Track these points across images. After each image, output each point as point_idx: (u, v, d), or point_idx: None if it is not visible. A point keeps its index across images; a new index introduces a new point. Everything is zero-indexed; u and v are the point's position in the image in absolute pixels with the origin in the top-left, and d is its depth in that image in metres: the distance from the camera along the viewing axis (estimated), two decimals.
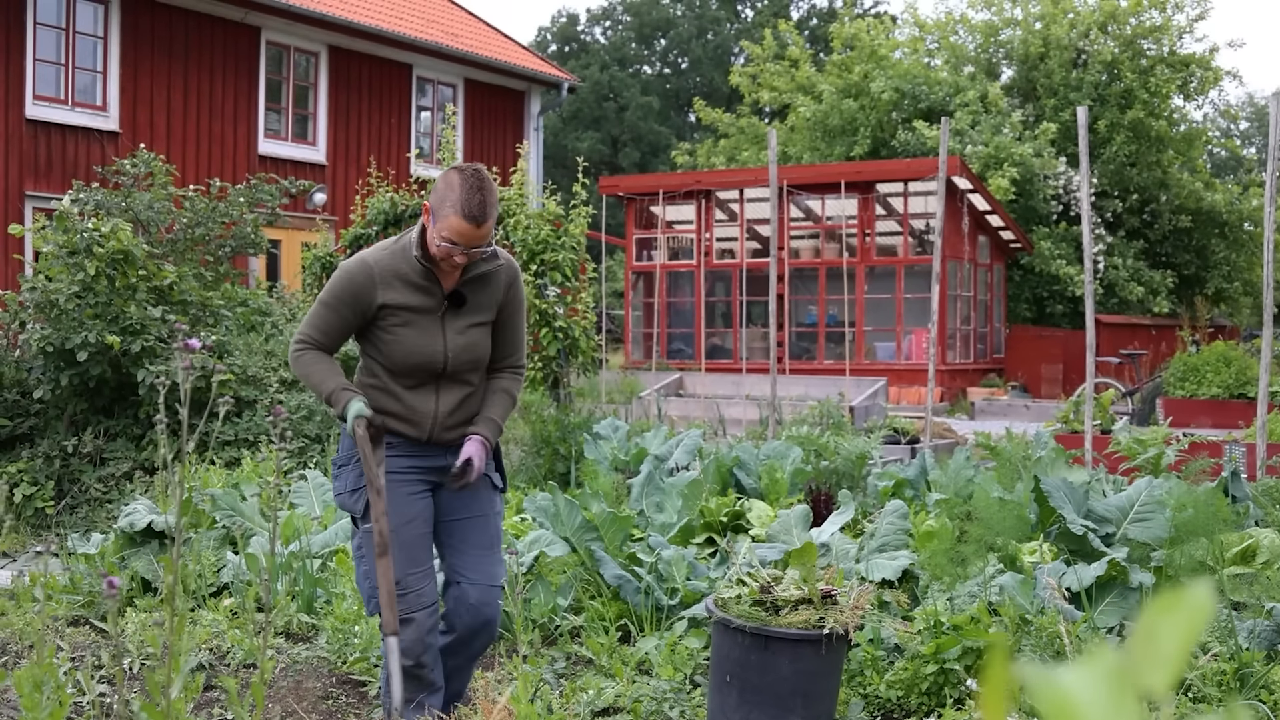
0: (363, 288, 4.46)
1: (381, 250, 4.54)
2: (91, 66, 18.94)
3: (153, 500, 8.37)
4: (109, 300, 10.12)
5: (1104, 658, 0.72)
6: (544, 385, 11.19)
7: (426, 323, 4.53)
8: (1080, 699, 0.70)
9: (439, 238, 4.33)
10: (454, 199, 4.28)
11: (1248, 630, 5.50)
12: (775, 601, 4.89)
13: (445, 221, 4.31)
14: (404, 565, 4.51)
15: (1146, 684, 0.70)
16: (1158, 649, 0.71)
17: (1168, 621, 0.72)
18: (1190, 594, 0.72)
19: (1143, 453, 9.41)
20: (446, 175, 4.37)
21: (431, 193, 4.41)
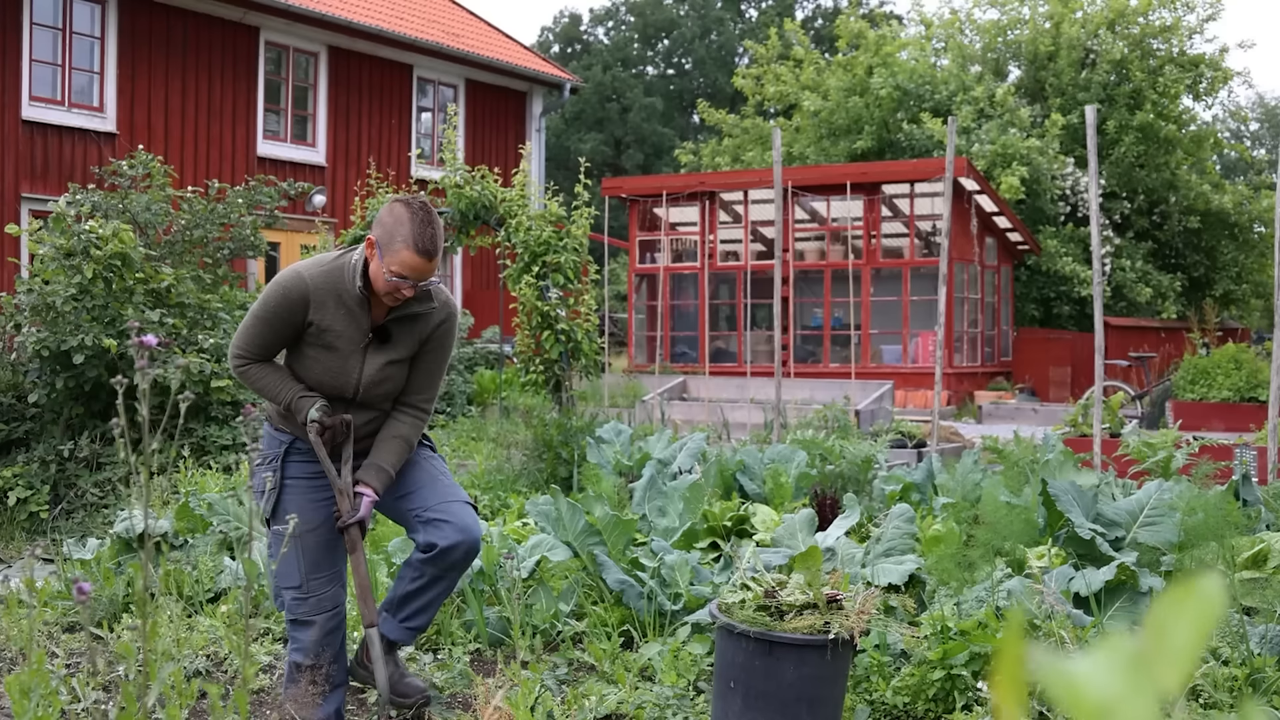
0: (296, 304, 4.42)
1: (318, 266, 4.47)
2: (88, 67, 18.89)
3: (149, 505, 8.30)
4: (106, 303, 10.06)
5: (1118, 647, 0.71)
6: (546, 389, 11.12)
7: (347, 350, 4.53)
8: (1095, 688, 0.69)
9: (389, 272, 4.29)
10: (404, 233, 4.25)
11: (1259, 635, 5.44)
12: (780, 606, 4.83)
13: (396, 255, 4.26)
14: (308, 569, 4.64)
15: (1159, 680, 0.70)
16: (1169, 645, 0.70)
17: (1179, 617, 0.71)
18: (1201, 590, 0.71)
19: (1152, 456, 9.33)
20: (392, 209, 4.32)
21: (375, 225, 4.35)
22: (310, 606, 4.67)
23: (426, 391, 4.73)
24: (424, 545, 4.78)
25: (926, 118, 26.31)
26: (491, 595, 6.58)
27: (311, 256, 4.61)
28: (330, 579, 4.72)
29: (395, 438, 4.65)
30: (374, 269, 4.34)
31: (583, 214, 11.18)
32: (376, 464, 4.62)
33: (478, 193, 11.36)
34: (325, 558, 4.71)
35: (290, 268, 4.51)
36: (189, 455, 9.74)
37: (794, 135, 29.84)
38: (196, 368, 9.88)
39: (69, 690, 5.57)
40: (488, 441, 12.25)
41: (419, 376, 4.69)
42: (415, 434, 4.71)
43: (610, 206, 23.91)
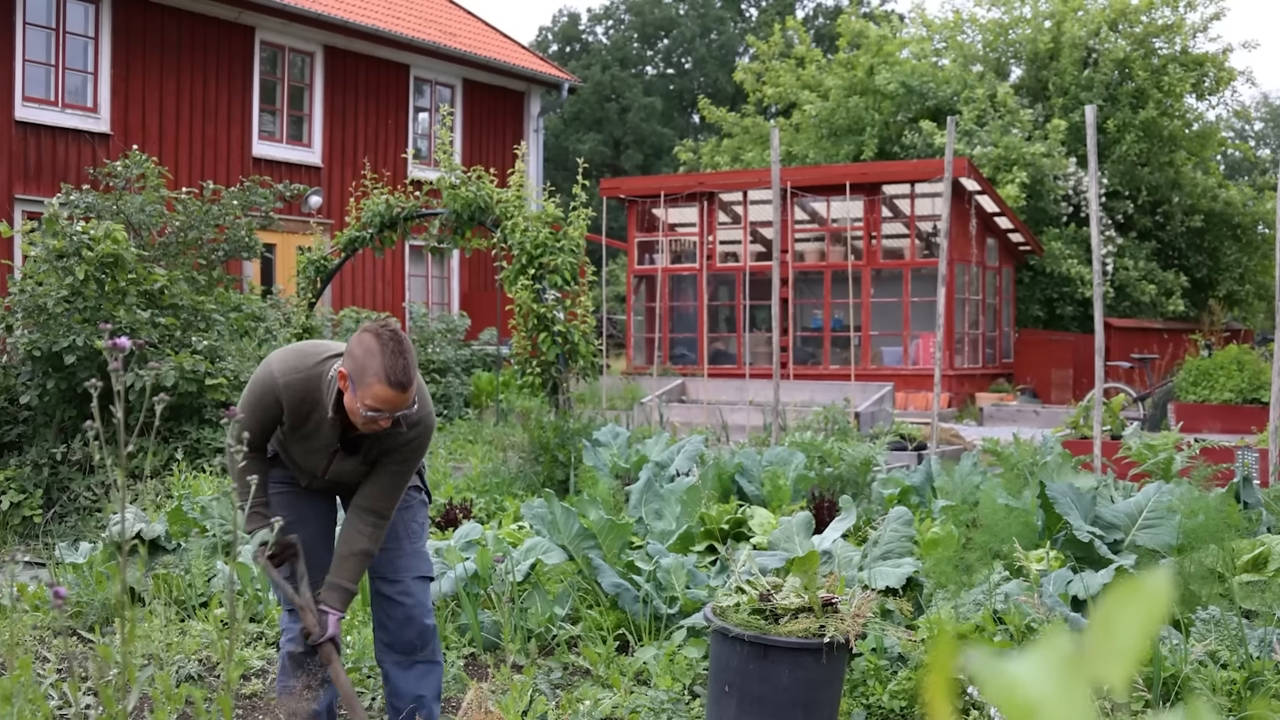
0: (271, 405, 4.43)
1: (295, 372, 4.42)
2: (82, 67, 18.83)
3: (142, 509, 8.26)
4: (98, 304, 10.01)
5: (1056, 646, 0.70)
6: (543, 391, 11.07)
7: (318, 446, 4.54)
8: (1029, 687, 0.69)
9: (364, 407, 4.22)
10: (376, 367, 4.17)
11: (1259, 639, 5.40)
12: (775, 610, 4.80)
13: (369, 390, 4.19)
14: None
15: (1102, 675, 0.69)
16: (1115, 640, 0.70)
17: (1125, 612, 0.71)
18: (1148, 584, 0.71)
19: (1152, 458, 9.29)
20: (362, 339, 4.24)
21: (346, 358, 4.27)
22: (304, 594, 4.68)
23: (389, 500, 4.64)
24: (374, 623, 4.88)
25: (928, 125, 26.25)
26: (486, 599, 6.54)
27: (290, 351, 4.54)
28: (320, 568, 4.72)
29: (355, 554, 4.59)
30: (348, 401, 4.27)
31: (580, 215, 11.14)
32: (338, 584, 4.58)
33: (473, 193, 11.31)
34: (317, 546, 4.74)
35: (269, 365, 4.47)
36: (182, 458, 9.69)
37: (794, 135, 29.79)
38: (190, 366, 9.82)
39: (59, 695, 5.53)
40: (484, 444, 12.22)
41: (383, 482, 4.61)
42: (375, 545, 4.63)
43: (609, 207, 23.88)
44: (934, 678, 0.74)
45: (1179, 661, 5.19)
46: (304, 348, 4.55)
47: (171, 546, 7.63)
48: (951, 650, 0.74)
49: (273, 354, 4.54)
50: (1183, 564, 6.11)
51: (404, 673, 4.86)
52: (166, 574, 7.08)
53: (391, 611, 4.82)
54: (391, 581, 4.81)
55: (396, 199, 12.01)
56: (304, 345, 4.58)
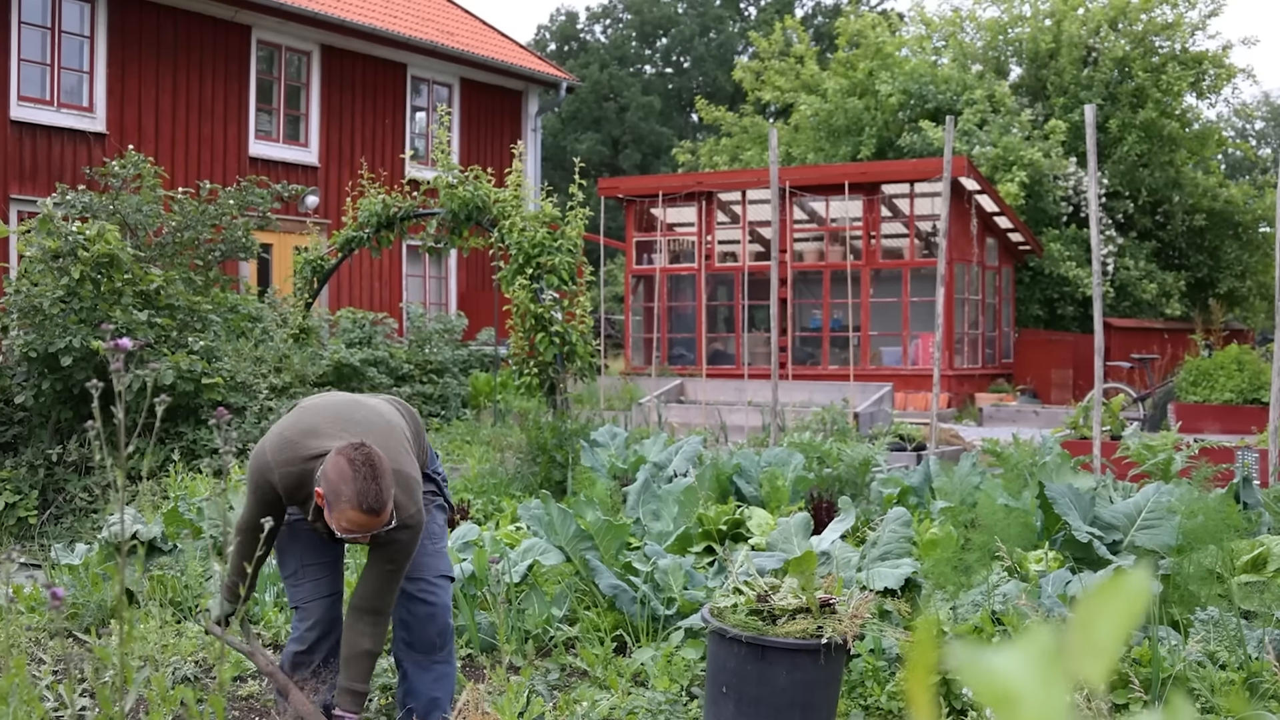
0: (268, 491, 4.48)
1: (288, 466, 4.44)
2: (78, 67, 18.80)
3: (137, 510, 8.23)
4: (94, 305, 9.98)
5: (1037, 640, 0.71)
6: (540, 391, 11.05)
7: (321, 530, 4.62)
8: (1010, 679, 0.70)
9: (339, 528, 4.26)
10: (349, 494, 4.18)
11: (1257, 639, 5.38)
12: (772, 610, 4.79)
13: (343, 514, 4.22)
14: (303, 556, 4.77)
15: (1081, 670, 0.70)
16: (1094, 637, 0.71)
17: (1105, 609, 0.71)
18: (1128, 582, 0.73)
19: (1152, 458, 9.27)
20: (336, 462, 4.23)
21: (321, 478, 4.28)
22: (306, 591, 4.77)
23: (385, 597, 4.64)
24: (397, 620, 4.93)
25: (928, 125, 26.22)
26: (483, 600, 6.52)
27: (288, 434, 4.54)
28: (324, 566, 4.82)
29: (359, 655, 4.59)
30: (327, 518, 4.30)
31: (577, 214, 11.11)
32: (349, 688, 4.59)
33: (471, 193, 11.30)
34: (319, 545, 4.79)
35: (263, 451, 4.49)
36: (179, 459, 9.66)
37: (793, 136, 29.77)
38: (186, 366, 9.80)
39: (55, 696, 5.51)
40: (481, 444, 12.20)
41: (376, 582, 4.61)
42: (378, 645, 4.65)
43: (607, 207, 23.84)
44: (915, 673, 0.75)
45: (1177, 662, 5.17)
46: (297, 435, 4.53)
47: (168, 548, 7.61)
48: (933, 647, 0.75)
49: (268, 436, 4.58)
50: (1182, 565, 6.09)
51: (423, 674, 4.89)
52: (163, 575, 7.06)
53: (415, 609, 4.89)
54: (414, 580, 4.86)
55: (393, 199, 11.99)
56: (297, 432, 4.54)
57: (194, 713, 3.21)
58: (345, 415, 4.62)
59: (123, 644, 2.97)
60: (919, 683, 0.73)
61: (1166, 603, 5.88)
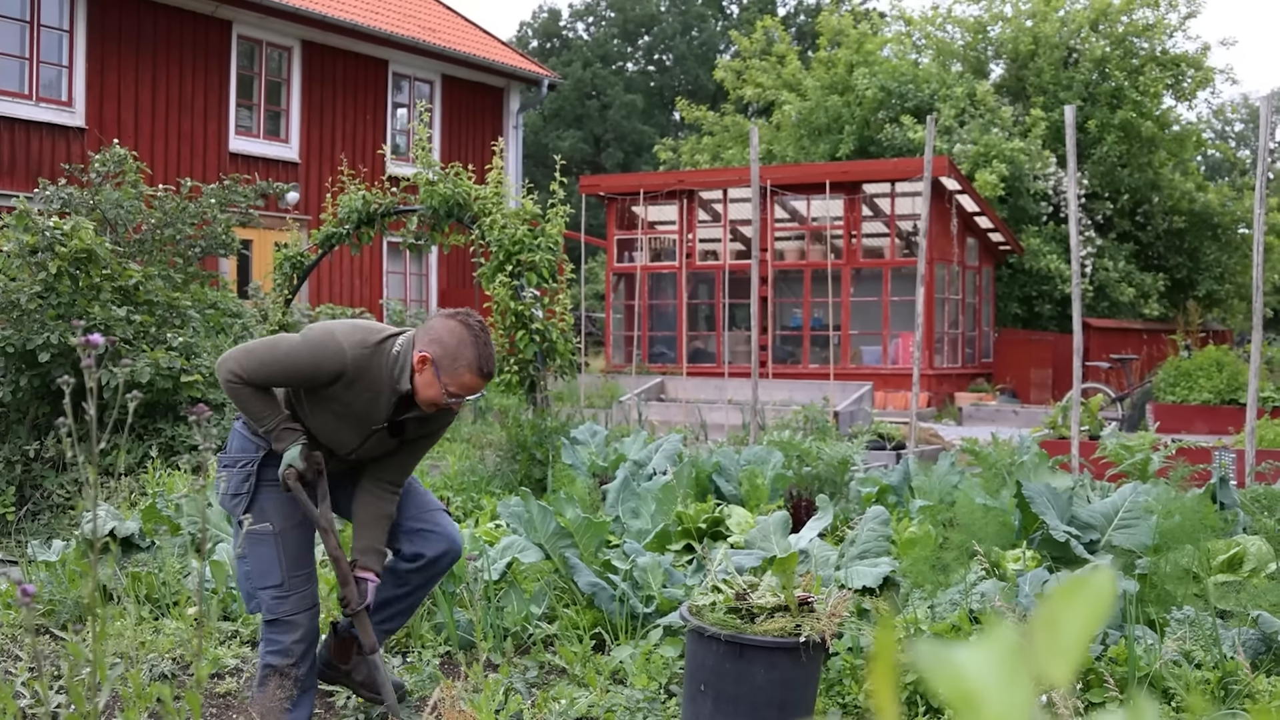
0: (324, 376, 4.38)
1: (361, 347, 4.37)
2: (57, 61, 18.72)
3: (114, 506, 8.20)
4: (72, 300, 9.93)
5: (1001, 638, 0.71)
6: (521, 389, 11.04)
7: (355, 425, 4.54)
8: (973, 676, 0.70)
9: (447, 392, 4.31)
10: (470, 356, 4.28)
11: (1233, 639, 5.40)
12: (751, 609, 4.79)
13: (458, 378, 4.29)
14: (289, 567, 4.66)
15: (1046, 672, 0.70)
16: (1059, 635, 0.71)
17: (1069, 609, 0.71)
18: (1093, 580, 0.72)
19: (1130, 458, 9.30)
20: (450, 327, 4.29)
21: (430, 342, 4.30)
22: (293, 604, 4.68)
23: (407, 472, 4.79)
24: (410, 555, 4.88)
25: (908, 120, 26.26)
26: (462, 598, 6.51)
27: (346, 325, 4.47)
28: (309, 576, 4.75)
29: (383, 517, 4.71)
30: (425, 383, 4.31)
31: (558, 212, 11.10)
32: (373, 547, 4.68)
33: (451, 190, 11.27)
34: (305, 554, 4.74)
35: (331, 335, 4.37)
36: (157, 455, 9.63)
37: (774, 134, 29.79)
38: (165, 363, 9.76)
39: (30, 693, 5.48)
40: (461, 442, 12.18)
41: (407, 459, 4.75)
42: (395, 510, 4.76)
43: (588, 205, 23.83)
44: (878, 670, 0.75)
45: (1153, 661, 5.19)
46: (360, 324, 4.51)
47: (145, 544, 7.58)
48: (894, 643, 0.75)
49: (330, 324, 4.47)
50: (1158, 564, 6.12)
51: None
52: (140, 572, 7.03)
53: (431, 540, 4.90)
54: (420, 519, 4.91)
55: (374, 195, 11.95)
56: (358, 322, 4.52)
57: (170, 709, 3.20)
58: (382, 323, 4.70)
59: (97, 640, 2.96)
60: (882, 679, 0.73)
61: (1143, 602, 5.90)
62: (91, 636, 2.97)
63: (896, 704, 0.71)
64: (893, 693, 0.72)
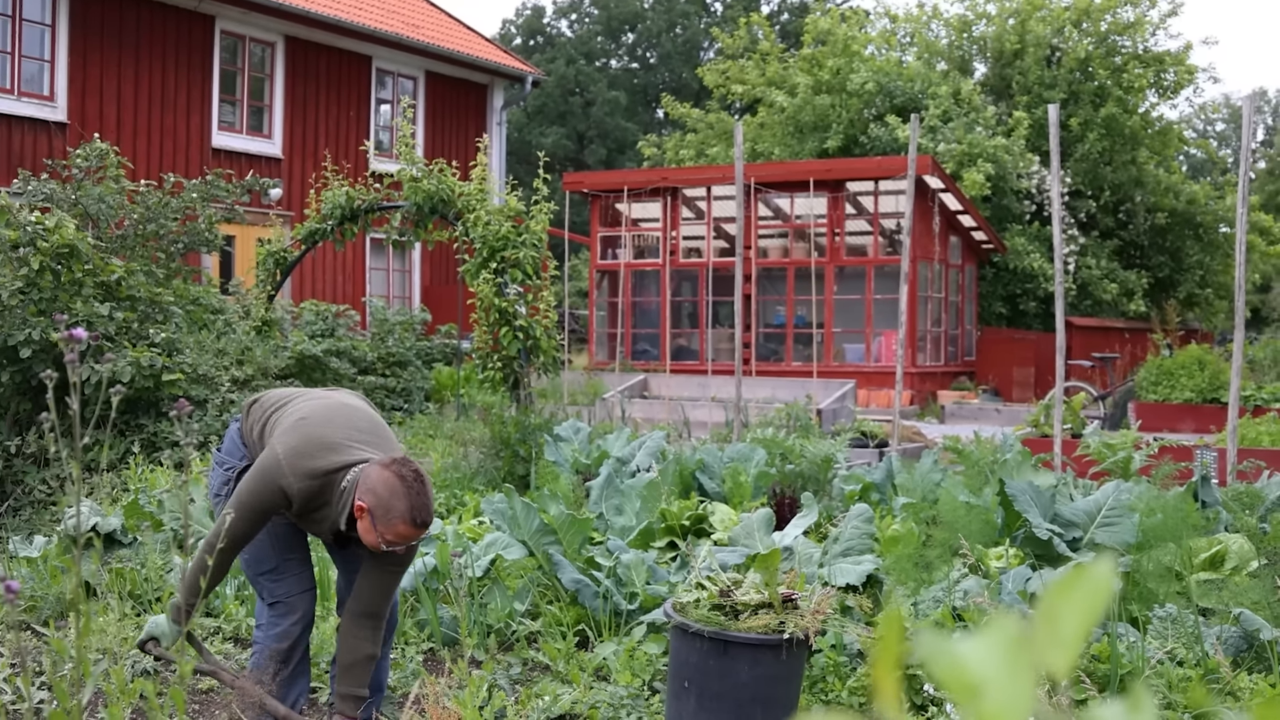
0: (279, 503, 4.42)
1: (310, 479, 4.38)
2: (39, 55, 18.63)
3: (97, 502, 8.18)
4: (54, 296, 9.90)
5: (1002, 630, 0.71)
6: (504, 386, 11.03)
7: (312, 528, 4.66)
8: (975, 667, 0.70)
9: (384, 541, 4.28)
10: (402, 509, 4.22)
11: (1214, 636, 5.42)
12: (735, 606, 4.79)
13: (392, 528, 4.25)
14: (280, 551, 4.74)
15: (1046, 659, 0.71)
16: (1059, 626, 0.71)
17: (1069, 601, 0.71)
18: (1093, 572, 0.72)
19: (1112, 457, 9.32)
20: (384, 478, 4.25)
21: (366, 492, 4.26)
22: (289, 585, 4.75)
23: (385, 601, 4.70)
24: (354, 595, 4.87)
25: (893, 120, 26.29)
26: (445, 594, 6.51)
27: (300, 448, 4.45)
28: (303, 560, 4.83)
29: (360, 660, 4.64)
30: (364, 529, 4.31)
31: (542, 209, 11.09)
32: (350, 693, 4.62)
33: (435, 186, 11.26)
34: (296, 539, 4.81)
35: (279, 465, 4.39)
36: (139, 451, 9.60)
37: (759, 132, 29.78)
38: (147, 360, 9.73)
39: (12, 689, 5.47)
40: (444, 439, 12.16)
41: (381, 583, 4.65)
42: (378, 647, 4.70)
43: (572, 202, 23.80)
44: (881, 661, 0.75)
45: (1136, 659, 5.20)
46: (311, 449, 4.45)
47: (128, 540, 7.56)
48: (899, 635, 0.76)
49: (279, 448, 4.44)
50: (1141, 562, 6.13)
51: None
52: (122, 568, 7.01)
53: None
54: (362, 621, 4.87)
55: (357, 191, 11.94)
56: (311, 445, 4.46)
57: (154, 705, 3.19)
58: (349, 423, 4.60)
59: (80, 637, 2.95)
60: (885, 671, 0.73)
61: (1125, 600, 5.92)
62: (75, 632, 2.96)
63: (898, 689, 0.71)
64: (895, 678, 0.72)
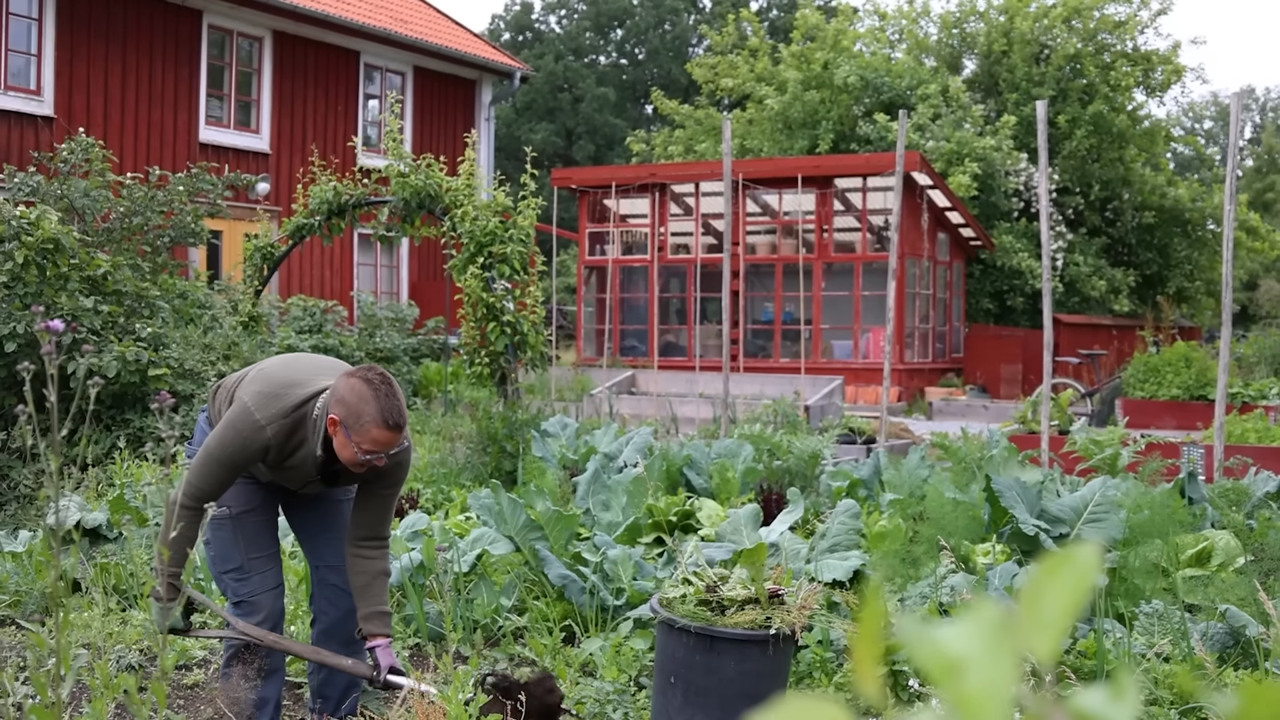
0: (255, 453, 4.38)
1: (280, 417, 4.37)
2: (25, 49, 18.55)
3: (83, 497, 8.16)
4: (39, 290, 9.86)
5: (985, 613, 0.71)
6: (491, 381, 11.02)
7: (296, 476, 4.58)
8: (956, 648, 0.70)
9: (360, 451, 4.24)
10: (372, 411, 4.20)
11: (1200, 632, 5.43)
12: (721, 601, 4.78)
13: (366, 434, 4.22)
14: (246, 549, 4.68)
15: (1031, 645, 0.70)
16: (1042, 611, 0.71)
17: (1054, 585, 0.71)
18: (1077, 557, 0.71)
19: (1099, 453, 9.33)
20: (351, 385, 4.25)
21: (335, 404, 4.25)
22: (253, 585, 4.67)
23: (384, 524, 4.70)
24: (314, 612, 4.89)
25: (882, 118, 26.30)
26: (432, 589, 6.49)
27: (265, 390, 4.45)
28: (270, 558, 4.74)
29: (378, 575, 4.64)
30: (340, 445, 4.27)
31: (529, 204, 11.08)
32: (376, 611, 4.61)
33: (422, 181, 11.24)
34: (264, 537, 4.75)
35: (248, 413, 4.37)
36: (125, 446, 9.57)
37: (748, 129, 29.77)
38: (132, 355, 9.70)
39: None
40: (431, 434, 12.15)
41: (376, 509, 4.66)
42: (388, 563, 4.71)
43: (560, 197, 23.79)
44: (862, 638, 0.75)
45: (1122, 655, 5.21)
46: (276, 389, 4.45)
47: (113, 535, 7.54)
48: (881, 622, 0.75)
49: (245, 396, 4.44)
50: (1127, 558, 6.14)
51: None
52: (107, 563, 6.99)
53: (336, 600, 4.87)
54: (337, 569, 4.84)
55: (345, 186, 11.91)
56: (275, 386, 4.46)
57: (134, 700, 3.18)
58: (311, 364, 4.63)
59: (60, 630, 2.93)
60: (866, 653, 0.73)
61: (1112, 596, 5.92)
62: (55, 626, 2.94)
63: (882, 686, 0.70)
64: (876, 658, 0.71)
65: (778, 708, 0.69)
